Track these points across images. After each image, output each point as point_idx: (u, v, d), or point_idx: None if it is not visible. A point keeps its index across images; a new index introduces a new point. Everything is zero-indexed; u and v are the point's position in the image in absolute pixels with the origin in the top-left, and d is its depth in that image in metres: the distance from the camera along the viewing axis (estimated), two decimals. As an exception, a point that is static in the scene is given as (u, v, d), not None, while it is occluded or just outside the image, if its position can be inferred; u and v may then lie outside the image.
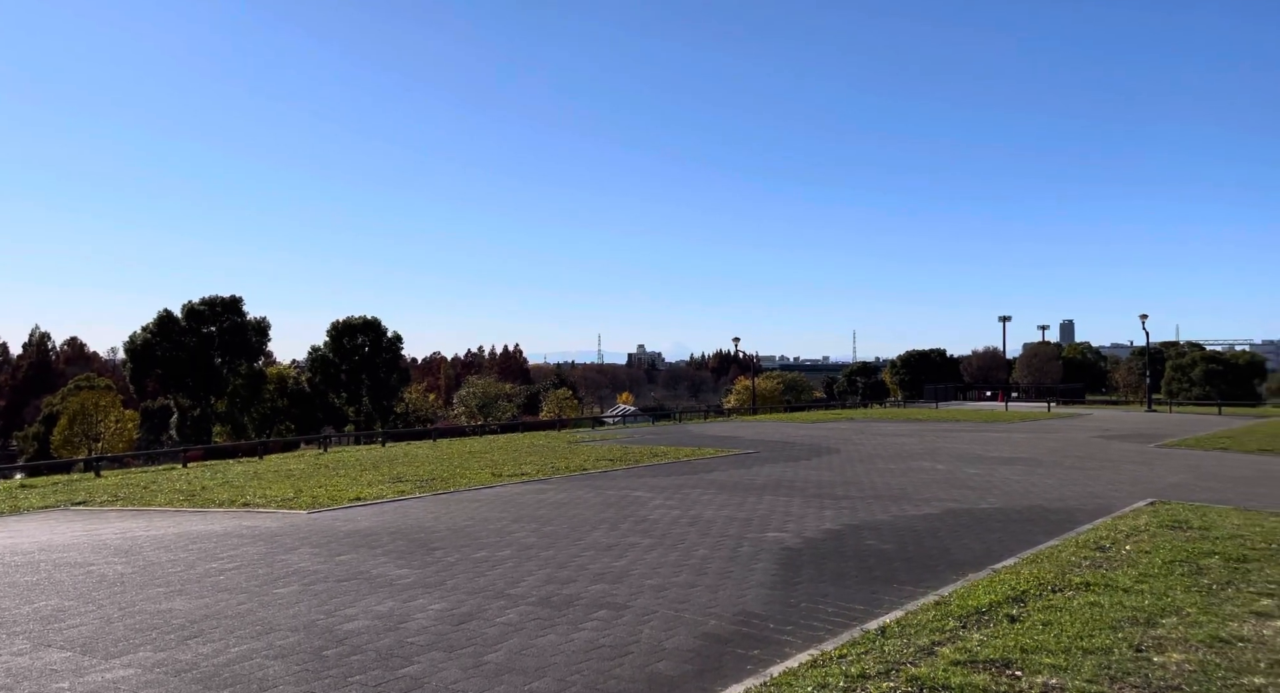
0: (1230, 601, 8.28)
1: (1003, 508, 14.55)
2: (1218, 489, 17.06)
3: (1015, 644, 6.95)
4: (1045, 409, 53.44)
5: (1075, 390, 75.95)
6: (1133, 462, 22.39)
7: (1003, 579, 9.26)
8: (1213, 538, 11.35)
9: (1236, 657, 6.66)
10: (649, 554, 10.69)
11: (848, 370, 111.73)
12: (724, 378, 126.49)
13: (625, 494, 15.94)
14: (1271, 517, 13.36)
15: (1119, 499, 15.45)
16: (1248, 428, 34.61)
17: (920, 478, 18.72)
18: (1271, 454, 24.85)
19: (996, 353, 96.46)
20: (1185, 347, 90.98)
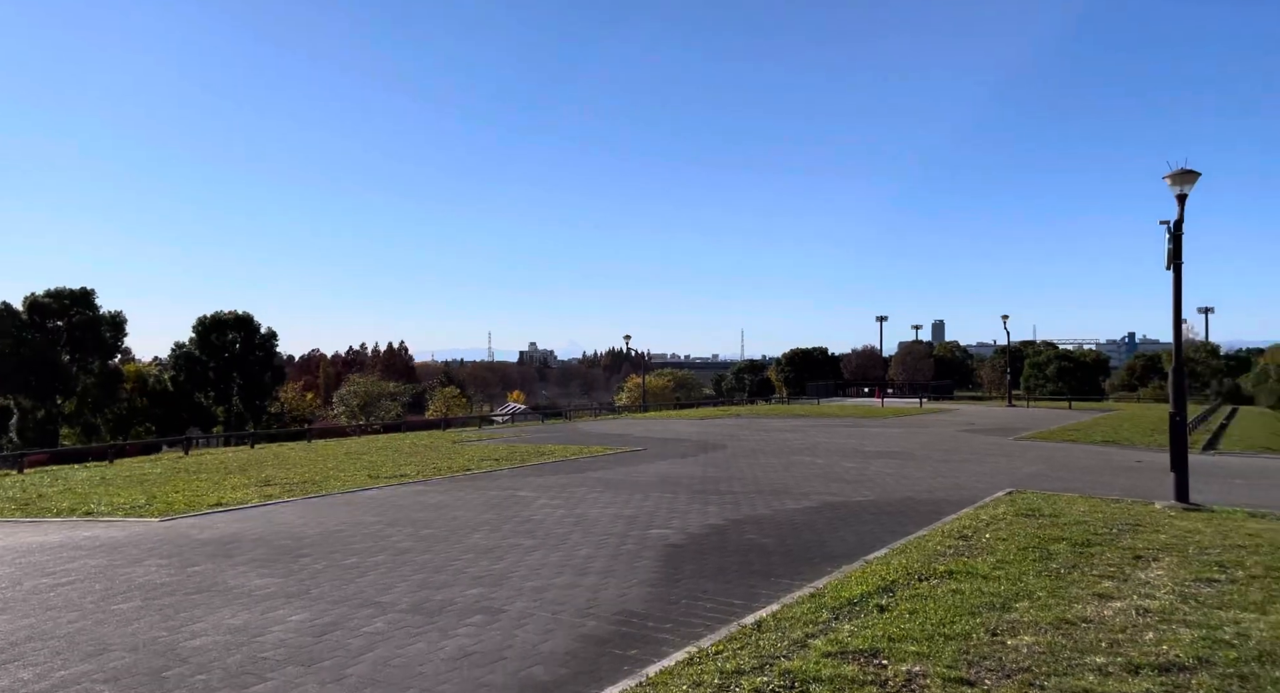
0: (1075, 583, 8.84)
1: (876, 500, 15.11)
2: (1067, 478, 18.33)
3: (884, 634, 7.15)
4: (918, 405, 56.29)
5: (945, 387, 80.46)
6: (994, 454, 23.80)
7: (874, 570, 9.56)
8: (1061, 524, 12.14)
9: (1080, 638, 7.08)
10: (530, 556, 10.46)
11: (736, 368, 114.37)
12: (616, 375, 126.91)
13: (509, 494, 15.62)
14: (1112, 503, 14.44)
15: (981, 490, 16.34)
16: (1094, 421, 37.54)
17: (801, 472, 19.25)
18: (1113, 445, 27.00)
19: (874, 351, 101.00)
20: (1041, 346, 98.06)
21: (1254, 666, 6.33)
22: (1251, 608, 7.89)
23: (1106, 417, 41.15)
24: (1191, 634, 7.10)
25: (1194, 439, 29.58)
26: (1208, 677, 6.13)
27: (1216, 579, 9.01)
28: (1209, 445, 28.19)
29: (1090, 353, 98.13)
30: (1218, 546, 10.75)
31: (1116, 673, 6.23)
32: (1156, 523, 12.39)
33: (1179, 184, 13.30)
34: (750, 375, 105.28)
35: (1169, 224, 13.53)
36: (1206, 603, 8.09)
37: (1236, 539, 11.17)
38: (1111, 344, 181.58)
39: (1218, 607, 7.95)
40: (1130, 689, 5.93)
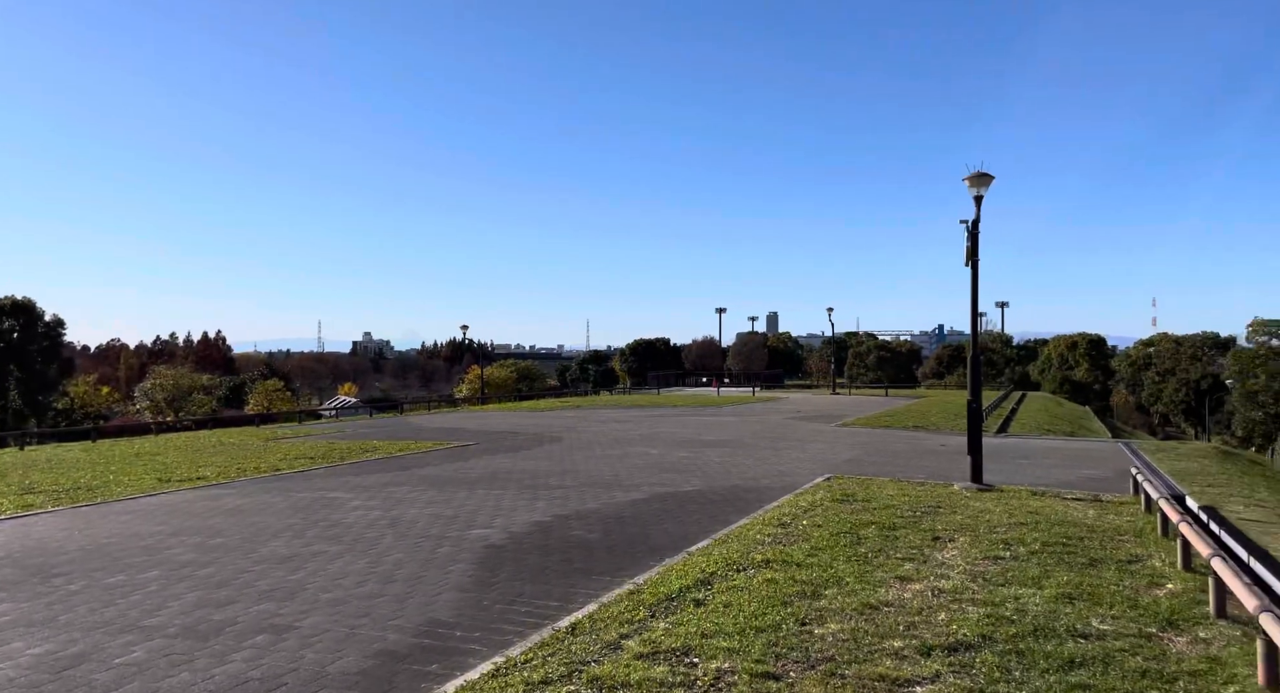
0: (881, 567, 9.20)
1: (704, 490, 15.31)
2: (880, 462, 19.44)
3: (697, 630, 7.06)
4: (751, 394, 58.54)
5: (777, 376, 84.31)
6: (817, 440, 24.95)
7: (695, 562, 9.55)
8: (872, 509, 12.73)
9: (882, 621, 7.31)
10: (333, 564, 9.66)
11: (580, 359, 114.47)
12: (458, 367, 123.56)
13: (320, 496, 14.53)
14: (918, 486, 15.39)
15: (802, 476, 16.96)
16: (906, 407, 40.41)
17: (634, 463, 19.27)
18: (922, 430, 29.06)
19: (713, 342, 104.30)
20: (863, 337, 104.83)
21: (1029, 641, 6.74)
22: (1030, 583, 8.49)
23: (917, 403, 44.44)
24: (978, 613, 7.50)
25: (989, 423, 32.43)
26: (990, 654, 6.45)
27: (1002, 557, 9.68)
28: (1002, 429, 31.00)
29: (905, 343, 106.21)
30: (1004, 524, 11.61)
31: (911, 656, 6.44)
32: (954, 504, 13.27)
33: (976, 186, 14.32)
34: (594, 366, 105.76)
35: (967, 223, 14.55)
36: (992, 581, 8.63)
37: (1020, 517, 12.14)
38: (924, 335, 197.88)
39: (1002, 584, 8.50)
40: (922, 672, 6.12)
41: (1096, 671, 6.11)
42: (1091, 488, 15.60)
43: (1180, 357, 75.41)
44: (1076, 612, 7.54)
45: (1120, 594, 8.13)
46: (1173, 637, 6.94)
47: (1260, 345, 63.57)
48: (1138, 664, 6.24)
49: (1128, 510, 13.05)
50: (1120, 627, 7.13)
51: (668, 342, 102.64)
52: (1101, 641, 6.76)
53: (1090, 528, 11.43)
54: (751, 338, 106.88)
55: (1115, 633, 6.96)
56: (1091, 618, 7.36)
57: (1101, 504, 13.60)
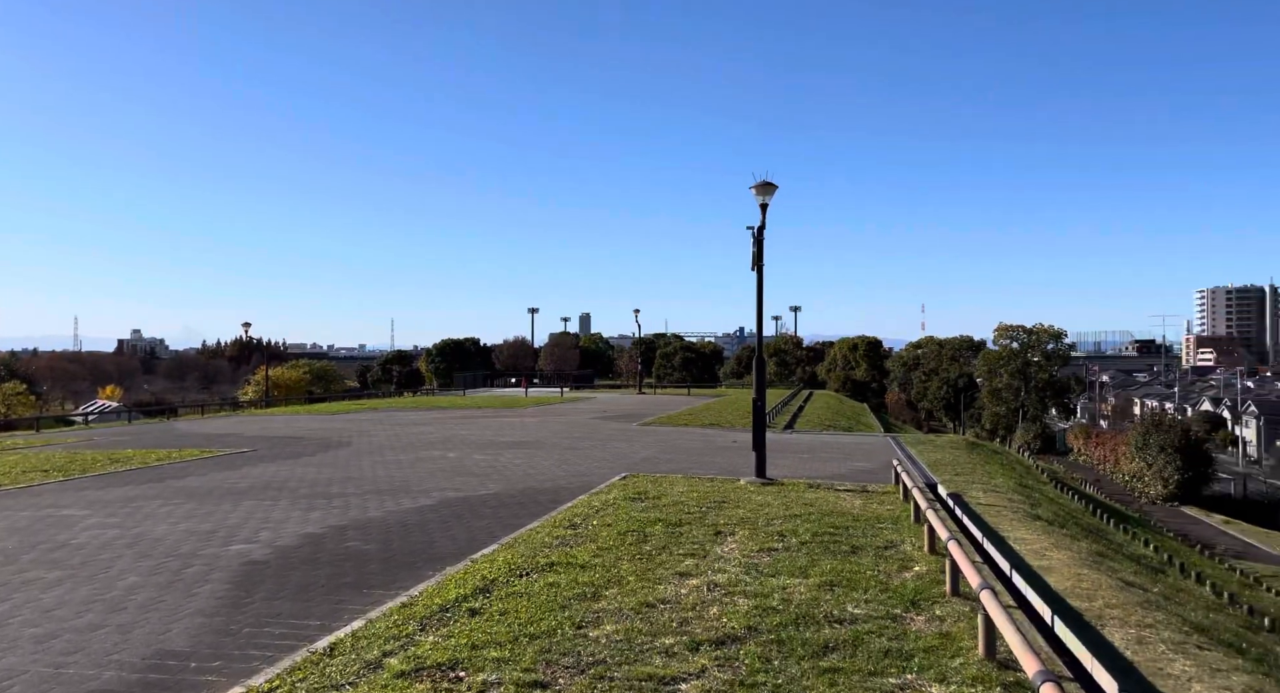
0: (663, 564, 9.32)
1: (499, 493, 14.93)
2: (676, 460, 19.97)
3: (468, 641, 6.74)
4: (559, 394, 58.57)
5: (588, 376, 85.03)
6: (618, 440, 25.28)
7: (477, 569, 9.20)
8: (661, 506, 12.97)
9: (657, 620, 7.35)
10: (50, 593, 8.35)
11: (384, 359, 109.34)
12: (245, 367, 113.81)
13: (49, 514, 12.63)
14: (707, 482, 15.92)
15: (599, 476, 17.03)
16: (705, 406, 42.08)
17: (428, 468, 18.49)
18: (717, 427, 30.32)
19: (525, 342, 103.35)
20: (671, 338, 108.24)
21: (792, 629, 7.04)
22: (797, 573, 8.93)
23: (716, 401, 46.45)
24: (748, 605, 7.76)
25: (778, 420, 34.49)
26: (754, 645, 6.65)
27: (775, 548, 10.14)
28: (789, 425, 33.07)
29: (709, 344, 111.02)
30: (781, 516, 12.22)
31: (680, 653, 6.50)
32: (738, 499, 13.82)
33: (761, 194, 15.06)
34: (399, 367, 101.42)
35: (753, 229, 15.27)
36: (764, 572, 8.99)
37: (796, 509, 12.84)
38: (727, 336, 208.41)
39: (772, 575, 8.87)
40: (689, 668, 6.19)
41: (846, 654, 6.47)
42: (861, 479, 16.87)
43: (943, 358, 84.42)
44: (835, 598, 7.99)
45: (875, 579, 8.73)
46: (914, 616, 7.52)
47: (1003, 348, 72.43)
48: (882, 645, 6.68)
49: (889, 500, 14.20)
50: (871, 610, 7.63)
51: (478, 342, 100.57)
52: (854, 625, 7.19)
53: (855, 517, 12.28)
54: (563, 338, 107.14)
55: (866, 616, 7.43)
56: (848, 603, 7.83)
57: (868, 494, 14.70)
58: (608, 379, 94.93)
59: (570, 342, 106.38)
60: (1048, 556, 10.89)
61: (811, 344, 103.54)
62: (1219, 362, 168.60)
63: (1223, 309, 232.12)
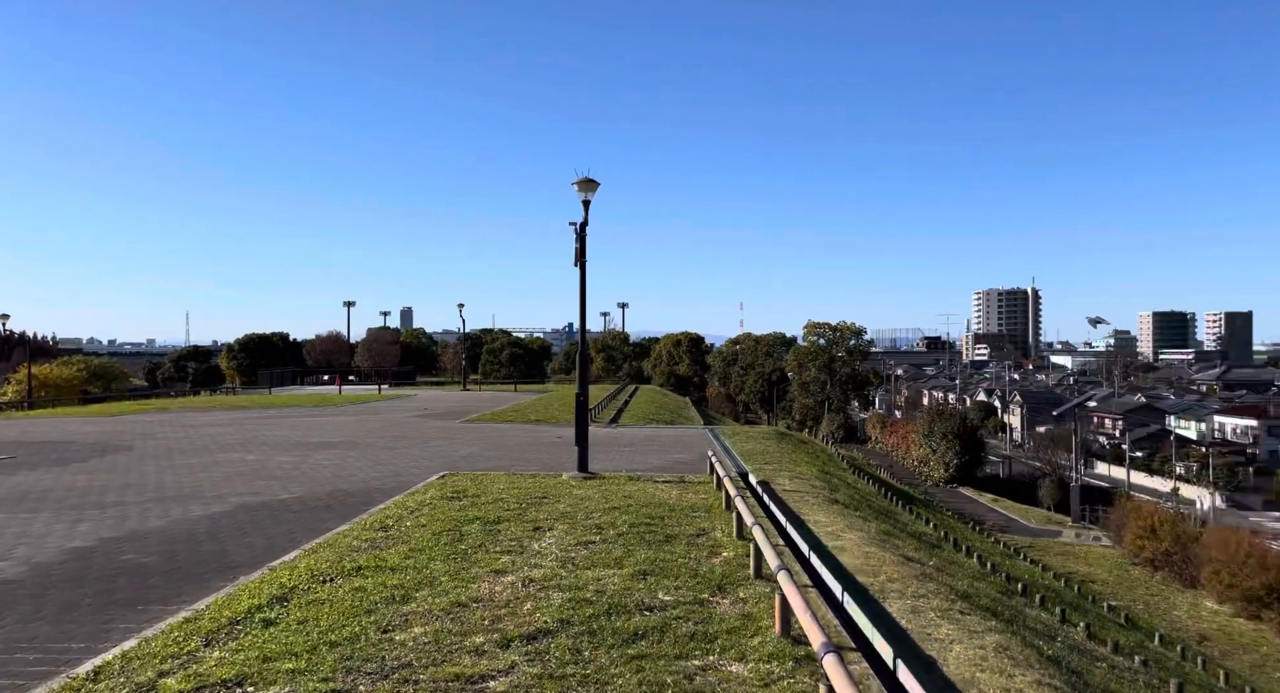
0: (478, 563, 9.16)
1: (304, 496, 14.07)
2: (498, 457, 19.70)
3: (259, 654, 6.29)
4: (377, 392, 56.08)
5: (408, 373, 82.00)
6: (439, 438, 24.57)
7: (275, 577, 8.61)
8: (480, 504, 12.74)
9: (468, 619, 7.21)
10: None
11: (177, 355, 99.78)
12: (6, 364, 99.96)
13: None
14: (530, 478, 15.83)
15: (417, 475, 16.47)
16: (531, 402, 41.84)
17: (222, 472, 17.08)
18: (544, 423, 30.23)
19: (340, 338, 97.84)
20: (498, 333, 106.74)
21: (603, 620, 7.13)
22: (613, 564, 9.08)
23: (543, 397, 46.28)
24: (562, 598, 7.79)
25: (603, 415, 34.93)
26: (565, 638, 6.69)
27: (593, 541, 10.25)
28: (613, 420, 33.57)
29: (537, 340, 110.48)
30: (600, 509, 12.37)
31: (491, 651, 6.41)
32: (560, 493, 13.84)
33: (584, 191, 15.15)
34: (195, 364, 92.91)
35: (576, 225, 15.34)
36: (580, 565, 9.06)
37: (615, 501, 13.05)
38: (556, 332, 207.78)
39: (588, 567, 8.96)
40: (498, 665, 6.12)
41: (654, 640, 6.65)
42: (680, 471, 17.42)
43: (758, 353, 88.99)
44: (647, 587, 8.19)
45: (685, 566, 9.04)
46: (720, 600, 7.86)
47: (811, 344, 77.44)
48: (689, 629, 6.93)
49: (704, 489, 14.75)
50: (680, 596, 7.89)
51: (287, 337, 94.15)
52: (663, 611, 7.41)
53: (672, 508, 12.66)
54: (383, 334, 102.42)
55: (675, 602, 7.68)
56: (659, 591, 8.05)
57: (684, 485, 15.20)
58: (431, 376, 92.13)
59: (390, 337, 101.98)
60: (842, 537, 11.75)
61: (638, 340, 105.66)
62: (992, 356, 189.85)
63: (995, 309, 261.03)
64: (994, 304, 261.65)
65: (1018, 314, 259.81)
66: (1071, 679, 7.08)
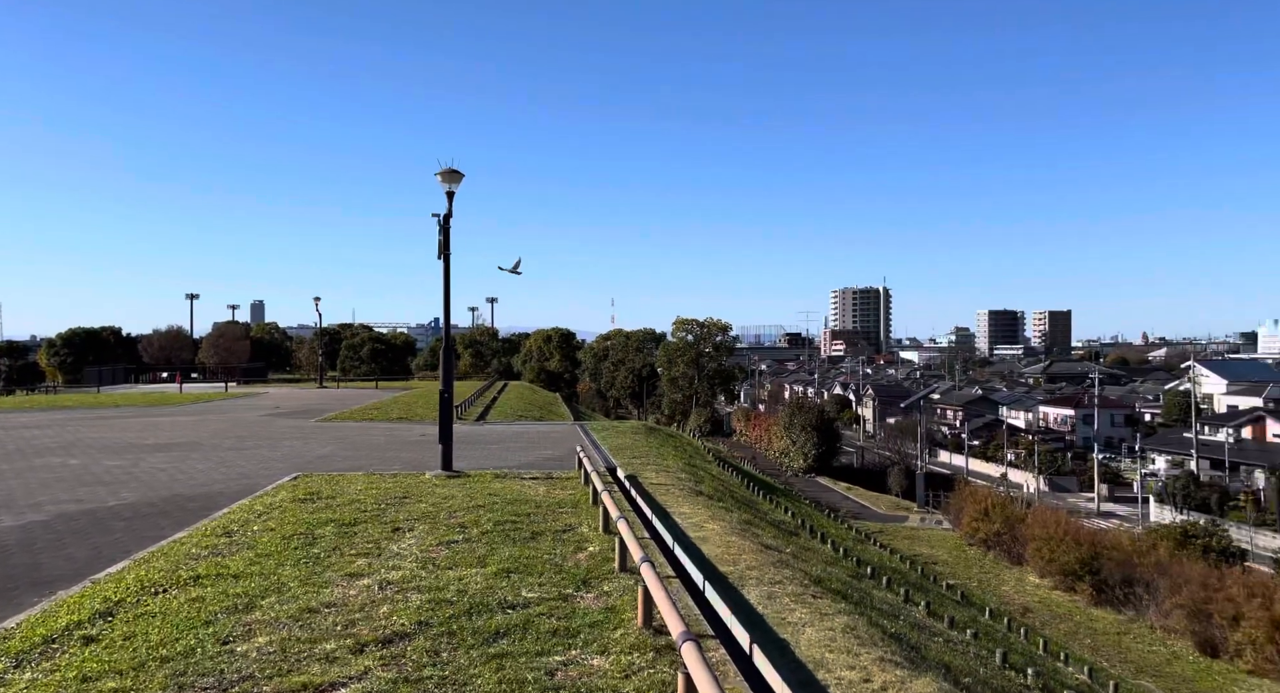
0: (332, 567, 8.74)
1: (136, 503, 12.98)
2: (357, 457, 18.89)
3: (78, 674, 5.74)
4: (223, 390, 52.60)
5: (258, 370, 77.29)
6: (292, 438, 23.30)
7: (98, 591, 7.88)
8: (335, 506, 12.17)
9: (319, 625, 6.86)
10: None
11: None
12: None
13: None
14: (390, 478, 15.27)
15: (266, 477, 15.55)
16: (394, 399, 40.42)
17: (40, 478, 15.50)
18: (407, 421, 29.29)
19: (182, 332, 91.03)
20: (359, 328, 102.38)
21: (464, 620, 6.97)
22: (476, 563, 8.89)
23: (406, 395, 44.79)
24: (421, 599, 7.55)
25: (470, 412, 34.25)
26: (423, 640, 6.48)
27: (455, 540, 10.00)
28: (481, 417, 32.96)
29: (401, 335, 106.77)
30: (464, 507, 12.10)
31: (342, 657, 6.13)
32: (422, 493, 13.43)
33: (448, 182, 14.74)
34: (9, 360, 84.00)
35: (439, 217, 14.90)
36: (441, 565, 8.82)
37: (480, 500, 12.80)
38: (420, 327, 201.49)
39: (449, 567, 8.74)
40: (350, 672, 5.85)
41: (516, 637, 6.56)
42: (548, 467, 17.31)
43: (629, 349, 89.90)
44: (511, 585, 8.08)
45: (550, 562, 8.98)
46: (584, 595, 7.86)
47: (680, 340, 79.03)
48: (552, 625, 6.88)
49: (572, 485, 14.72)
50: (544, 593, 7.83)
51: (119, 332, 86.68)
52: (526, 609, 7.32)
53: (538, 504, 12.55)
54: (230, 328, 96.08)
55: (539, 599, 7.61)
56: (523, 588, 7.96)
57: (552, 481, 15.12)
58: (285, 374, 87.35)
59: (239, 332, 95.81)
60: (705, 527, 12.03)
61: (508, 336, 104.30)
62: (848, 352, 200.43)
63: (850, 307, 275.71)
64: (849, 302, 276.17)
65: (871, 312, 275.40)
66: (910, 654, 7.55)
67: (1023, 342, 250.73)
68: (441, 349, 16.03)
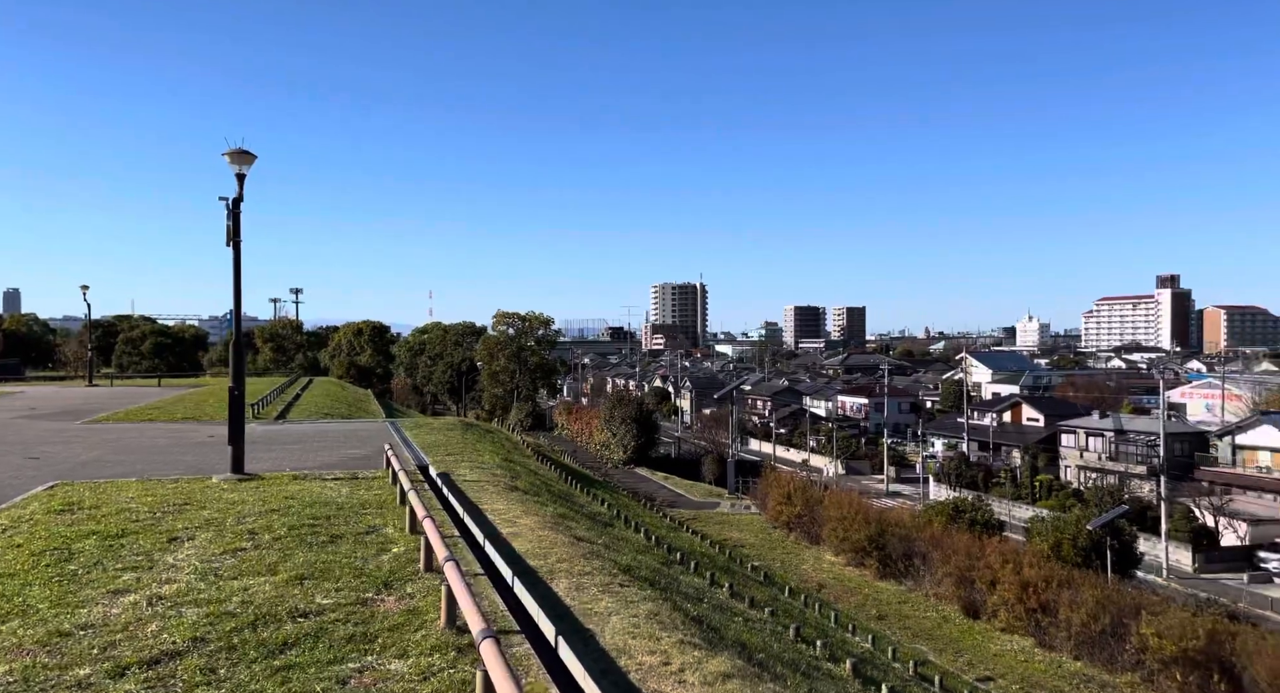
0: (92, 583, 7.81)
1: None
2: (131, 462, 17.02)
3: None
4: (-29, 389, 45.57)
5: (13, 367, 67.75)
6: (51, 442, 20.62)
7: None
8: (100, 516, 10.90)
9: (72, 649, 6.11)
10: None
11: None
12: None
13: None
14: (169, 483, 13.89)
15: (15, 487, 13.66)
16: (180, 398, 36.83)
17: None
18: (194, 421, 26.81)
19: (-88, 322, 78.00)
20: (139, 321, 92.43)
21: (247, 633, 6.47)
22: (265, 572, 8.28)
23: (195, 392, 40.91)
24: (198, 614, 6.92)
25: (268, 410, 31.88)
26: (197, 658, 5.95)
27: (244, 548, 9.27)
28: (281, 415, 30.74)
29: (190, 328, 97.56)
30: (256, 512, 11.25)
31: (99, 683, 5.49)
32: (206, 499, 12.34)
33: (237, 163, 13.55)
34: None
35: (228, 201, 13.69)
36: (225, 576, 8.14)
37: (275, 503, 11.94)
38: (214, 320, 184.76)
39: (235, 577, 8.08)
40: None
41: (306, 647, 6.18)
42: (354, 467, 16.47)
43: (448, 343, 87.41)
44: (304, 592, 7.60)
45: (351, 566, 8.55)
46: (385, 597, 7.54)
47: (501, 333, 78.00)
48: (347, 631, 6.54)
49: (379, 485, 14.10)
50: (341, 598, 7.43)
51: None
52: (320, 616, 6.92)
53: (340, 506, 11.91)
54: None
55: (335, 605, 7.22)
56: (317, 595, 7.51)
57: (357, 481, 14.40)
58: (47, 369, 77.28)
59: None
60: (518, 523, 11.93)
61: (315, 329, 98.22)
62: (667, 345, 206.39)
63: (669, 302, 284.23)
64: (669, 298, 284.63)
65: (689, 307, 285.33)
66: (709, 635, 7.89)
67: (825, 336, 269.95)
68: (231, 343, 14.80)
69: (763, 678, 6.69)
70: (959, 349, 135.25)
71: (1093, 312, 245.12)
